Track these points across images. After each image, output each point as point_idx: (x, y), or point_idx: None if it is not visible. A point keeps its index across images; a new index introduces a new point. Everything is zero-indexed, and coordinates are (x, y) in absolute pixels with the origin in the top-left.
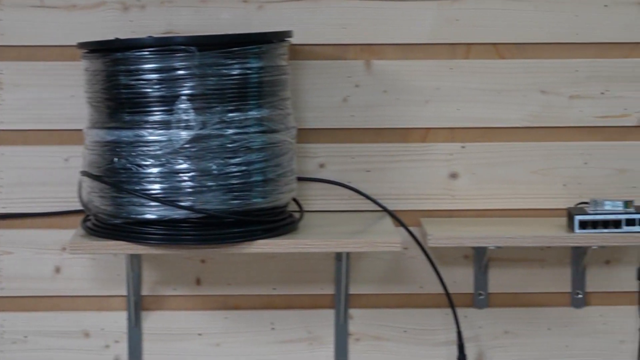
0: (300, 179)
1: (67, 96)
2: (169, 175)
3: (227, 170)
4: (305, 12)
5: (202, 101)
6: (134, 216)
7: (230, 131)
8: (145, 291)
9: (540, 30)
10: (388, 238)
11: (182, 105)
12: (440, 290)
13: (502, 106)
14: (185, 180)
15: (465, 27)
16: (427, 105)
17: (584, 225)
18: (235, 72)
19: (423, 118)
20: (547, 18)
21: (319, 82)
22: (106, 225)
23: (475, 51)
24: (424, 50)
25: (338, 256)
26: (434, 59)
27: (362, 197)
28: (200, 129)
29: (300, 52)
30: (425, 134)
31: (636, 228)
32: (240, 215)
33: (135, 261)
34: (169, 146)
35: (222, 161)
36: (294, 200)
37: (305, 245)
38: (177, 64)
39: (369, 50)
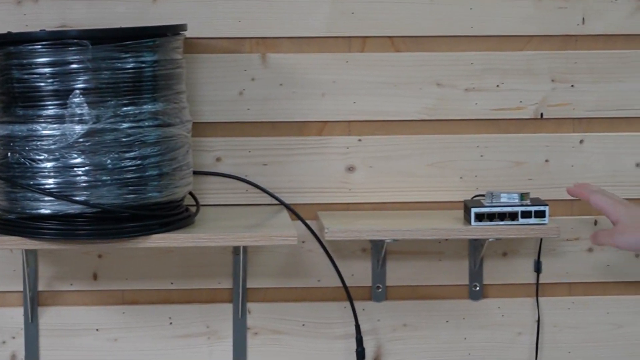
0: (196, 173)
1: None
2: (63, 169)
3: (122, 165)
4: (201, 5)
5: (96, 95)
6: (28, 211)
7: (125, 125)
8: (41, 286)
9: (435, 23)
10: (285, 231)
11: (76, 99)
12: (338, 283)
13: (399, 99)
14: (79, 175)
15: (360, 20)
16: (323, 98)
17: (480, 217)
18: (129, 66)
19: (319, 111)
20: (443, 11)
21: (215, 76)
22: (1, 221)
23: (371, 44)
24: (319, 43)
25: (236, 250)
26: (330, 52)
27: (259, 190)
28: (95, 123)
29: (195, 46)
30: (321, 128)
31: (532, 220)
32: (136, 210)
33: (31, 256)
34: (62, 140)
35: (116, 155)
36: (190, 194)
37: (201, 239)
38: (71, 58)
39: (265, 44)
